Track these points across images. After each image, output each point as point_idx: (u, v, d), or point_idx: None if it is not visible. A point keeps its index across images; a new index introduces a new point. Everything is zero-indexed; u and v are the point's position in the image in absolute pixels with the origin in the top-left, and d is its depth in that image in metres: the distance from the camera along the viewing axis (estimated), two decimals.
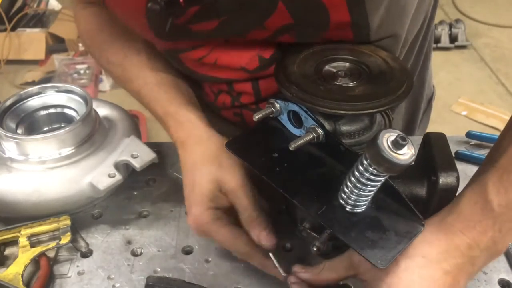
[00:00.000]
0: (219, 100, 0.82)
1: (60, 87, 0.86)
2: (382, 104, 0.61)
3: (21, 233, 0.72)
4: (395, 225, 0.56)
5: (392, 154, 0.49)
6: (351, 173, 0.54)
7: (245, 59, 0.73)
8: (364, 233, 0.56)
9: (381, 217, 0.57)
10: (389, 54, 0.69)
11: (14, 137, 0.76)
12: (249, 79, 0.76)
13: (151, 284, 0.66)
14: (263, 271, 0.68)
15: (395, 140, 0.49)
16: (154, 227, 0.77)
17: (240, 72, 0.74)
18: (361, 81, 0.65)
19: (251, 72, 0.74)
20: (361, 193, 0.55)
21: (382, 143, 0.49)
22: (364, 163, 0.52)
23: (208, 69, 0.76)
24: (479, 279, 0.69)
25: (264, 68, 0.73)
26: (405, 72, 0.66)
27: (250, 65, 0.73)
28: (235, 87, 0.78)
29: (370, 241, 0.56)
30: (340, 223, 0.57)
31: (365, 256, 0.54)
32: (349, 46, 0.71)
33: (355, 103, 0.60)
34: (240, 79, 0.76)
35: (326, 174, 0.61)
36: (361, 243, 0.55)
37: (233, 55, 0.73)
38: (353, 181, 0.54)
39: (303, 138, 0.59)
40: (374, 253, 0.54)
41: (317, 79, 0.64)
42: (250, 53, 0.72)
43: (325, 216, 0.57)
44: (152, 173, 0.85)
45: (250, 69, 0.74)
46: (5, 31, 3.24)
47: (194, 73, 0.78)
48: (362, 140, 0.66)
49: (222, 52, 0.73)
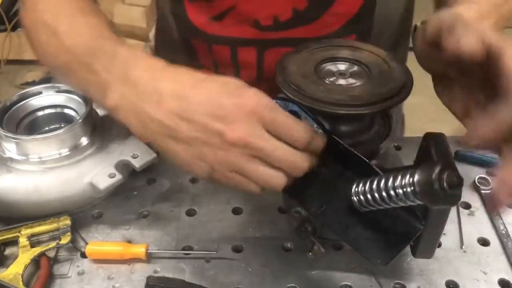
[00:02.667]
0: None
1: (60, 87, 0.86)
2: (382, 104, 0.61)
3: (21, 233, 0.72)
4: (394, 225, 0.56)
5: (446, 194, 0.47)
6: (382, 182, 0.52)
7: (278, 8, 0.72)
8: (364, 233, 0.56)
9: (381, 218, 0.57)
10: (389, 54, 0.69)
11: (14, 137, 0.76)
12: (257, 41, 0.74)
13: (151, 284, 0.66)
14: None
15: (452, 181, 0.47)
16: (154, 227, 0.77)
17: (255, 30, 0.73)
18: (361, 81, 0.65)
19: (268, 28, 0.73)
20: (381, 203, 0.53)
21: (438, 177, 0.47)
22: (408, 186, 0.49)
23: (218, 28, 0.74)
24: (479, 279, 0.69)
25: (286, 26, 0.73)
26: (405, 72, 0.66)
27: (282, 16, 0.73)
28: (239, 55, 0.77)
29: (369, 241, 0.56)
30: (339, 223, 0.57)
31: (364, 256, 0.54)
32: (349, 44, 0.71)
33: (355, 103, 0.60)
34: (250, 38, 0.74)
35: (326, 174, 0.61)
36: (360, 243, 0.55)
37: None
38: (380, 187, 0.52)
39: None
40: (373, 253, 0.55)
41: (316, 79, 0.64)
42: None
43: (324, 215, 0.57)
44: (152, 173, 0.85)
45: (282, 20, 0.73)
46: (5, 31, 3.23)
47: (199, 34, 0.76)
48: (362, 140, 0.66)
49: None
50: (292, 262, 0.71)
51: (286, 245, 0.74)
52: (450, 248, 0.73)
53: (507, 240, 0.74)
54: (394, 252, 0.55)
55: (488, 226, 0.77)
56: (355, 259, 0.70)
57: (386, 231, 0.56)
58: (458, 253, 0.73)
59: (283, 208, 0.78)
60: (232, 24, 0.74)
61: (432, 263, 0.70)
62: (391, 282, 0.68)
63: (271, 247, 0.73)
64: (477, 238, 0.75)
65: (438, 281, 0.68)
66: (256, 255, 0.72)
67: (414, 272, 0.69)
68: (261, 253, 0.72)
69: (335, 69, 0.68)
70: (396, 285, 0.68)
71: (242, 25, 0.74)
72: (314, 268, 0.70)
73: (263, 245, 0.74)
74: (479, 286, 0.68)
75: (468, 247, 0.73)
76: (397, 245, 0.55)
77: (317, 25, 0.80)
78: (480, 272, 0.70)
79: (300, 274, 0.69)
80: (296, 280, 0.68)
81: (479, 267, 0.71)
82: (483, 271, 0.70)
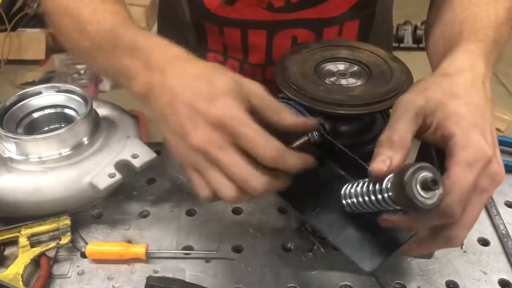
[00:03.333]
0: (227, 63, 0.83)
1: (60, 87, 0.86)
2: (382, 104, 0.61)
3: (21, 233, 0.72)
4: (386, 229, 0.55)
5: (419, 196, 0.43)
6: (366, 186, 0.51)
7: None
8: (355, 235, 0.55)
9: (374, 220, 0.55)
10: (389, 54, 0.70)
11: (14, 137, 0.76)
12: (268, 23, 0.77)
13: (151, 284, 0.66)
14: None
15: (426, 182, 0.43)
16: (154, 227, 0.77)
17: (266, 12, 0.76)
18: (361, 81, 0.65)
19: (283, 9, 0.76)
20: (364, 206, 0.52)
21: (410, 181, 0.43)
22: (383, 186, 0.48)
23: (229, 11, 0.77)
24: (479, 279, 0.69)
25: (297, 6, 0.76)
26: (405, 72, 0.66)
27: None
28: (250, 37, 0.79)
29: (359, 244, 0.55)
30: (331, 225, 0.56)
31: (352, 259, 0.53)
32: (349, 44, 0.71)
33: (355, 103, 0.60)
34: (261, 20, 0.77)
35: (322, 175, 0.60)
36: (350, 246, 0.54)
37: None
38: (363, 192, 0.51)
39: (300, 139, 0.59)
40: (362, 256, 0.54)
41: (317, 79, 0.64)
42: None
43: (317, 217, 0.57)
44: (152, 173, 0.85)
45: (293, 1, 0.77)
46: (5, 31, 3.23)
47: (211, 16, 0.78)
48: (362, 140, 0.66)
49: None
50: (292, 262, 0.71)
51: (286, 245, 0.74)
52: (450, 248, 0.73)
53: (507, 240, 0.74)
54: (383, 255, 0.54)
55: (488, 226, 0.77)
56: None
57: (378, 234, 0.55)
58: (458, 253, 0.73)
59: (283, 208, 0.78)
60: (244, 7, 0.76)
61: (432, 263, 0.70)
62: (391, 282, 0.68)
63: (271, 247, 0.73)
64: (477, 238, 0.75)
65: (438, 281, 0.68)
66: (256, 255, 0.72)
67: (414, 272, 0.69)
68: (261, 253, 0.72)
69: (335, 69, 0.68)
70: (396, 285, 0.68)
71: (254, 7, 0.78)
72: (314, 268, 0.70)
73: (263, 245, 0.74)
74: (479, 286, 0.68)
75: (468, 247, 0.73)
76: (387, 249, 0.54)
77: (324, 7, 0.83)
78: (480, 272, 0.70)
79: (300, 274, 0.69)
80: (296, 280, 0.68)
81: (479, 267, 0.71)
82: (483, 271, 0.70)
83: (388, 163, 0.49)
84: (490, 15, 0.68)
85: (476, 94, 0.55)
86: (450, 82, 0.56)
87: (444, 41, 0.68)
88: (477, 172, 0.50)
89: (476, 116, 0.53)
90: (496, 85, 3.14)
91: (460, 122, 0.52)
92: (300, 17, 0.83)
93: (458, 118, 0.52)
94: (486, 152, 0.51)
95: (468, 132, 0.51)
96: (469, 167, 0.50)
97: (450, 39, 0.66)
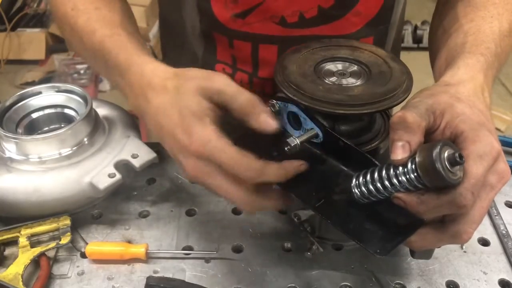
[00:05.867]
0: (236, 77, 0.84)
1: (60, 87, 0.86)
2: (381, 104, 0.61)
3: (21, 233, 0.72)
4: (395, 217, 0.56)
5: (446, 171, 0.47)
6: (383, 168, 0.53)
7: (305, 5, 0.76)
8: (363, 225, 0.56)
9: (381, 210, 0.56)
10: (389, 54, 0.70)
11: (14, 137, 0.76)
12: (280, 38, 0.77)
13: (151, 284, 0.66)
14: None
15: (453, 157, 0.47)
16: (154, 227, 0.77)
17: (278, 27, 0.76)
18: (361, 81, 0.65)
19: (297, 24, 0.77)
20: (382, 191, 0.53)
21: (438, 156, 0.47)
22: (408, 167, 0.50)
23: (241, 24, 0.77)
24: (479, 279, 0.69)
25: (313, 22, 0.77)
26: (404, 72, 0.66)
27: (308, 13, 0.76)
28: (260, 51, 0.79)
29: (369, 232, 0.56)
30: (338, 215, 0.57)
31: (363, 246, 0.54)
32: (349, 44, 0.71)
33: (354, 103, 0.60)
34: (273, 35, 0.77)
35: (326, 171, 0.61)
36: (360, 234, 0.55)
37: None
38: (382, 177, 0.53)
39: (303, 136, 0.59)
40: (373, 243, 0.54)
41: (316, 79, 0.64)
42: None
43: (322, 209, 0.57)
44: (152, 173, 0.85)
45: (307, 17, 0.77)
46: (5, 31, 3.24)
47: (222, 28, 0.78)
48: (362, 140, 0.66)
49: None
50: (292, 262, 0.71)
51: (286, 245, 0.74)
52: (450, 248, 0.73)
53: (507, 240, 0.74)
54: (394, 242, 0.54)
55: (488, 226, 0.77)
56: (355, 259, 0.71)
57: (387, 223, 0.56)
58: (458, 253, 0.73)
59: (283, 208, 0.78)
60: (256, 21, 0.76)
61: (432, 263, 0.70)
62: (391, 282, 0.68)
63: (271, 247, 0.73)
64: (477, 238, 0.75)
65: (439, 281, 0.68)
66: (256, 255, 0.72)
67: (414, 272, 0.69)
68: (261, 253, 0.72)
69: (335, 69, 0.68)
70: (396, 285, 0.68)
71: (267, 22, 0.77)
72: (314, 268, 0.70)
73: (263, 245, 0.74)
74: (479, 286, 0.68)
75: (468, 247, 0.73)
76: (397, 236, 0.55)
77: (339, 24, 0.82)
78: (480, 272, 0.70)
79: (300, 274, 0.69)
80: (296, 280, 0.68)
81: (479, 267, 0.71)
82: (483, 271, 0.70)
83: (407, 147, 0.51)
84: (494, 27, 0.70)
85: (478, 101, 0.58)
86: (454, 89, 0.59)
87: (447, 51, 0.70)
88: (487, 165, 0.51)
89: (481, 117, 0.55)
90: (496, 85, 3.14)
91: (468, 121, 0.54)
92: (313, 33, 0.81)
93: (465, 117, 0.54)
94: (495, 147, 0.52)
95: (476, 129, 0.53)
96: (480, 159, 0.51)
97: (453, 49, 0.69)
